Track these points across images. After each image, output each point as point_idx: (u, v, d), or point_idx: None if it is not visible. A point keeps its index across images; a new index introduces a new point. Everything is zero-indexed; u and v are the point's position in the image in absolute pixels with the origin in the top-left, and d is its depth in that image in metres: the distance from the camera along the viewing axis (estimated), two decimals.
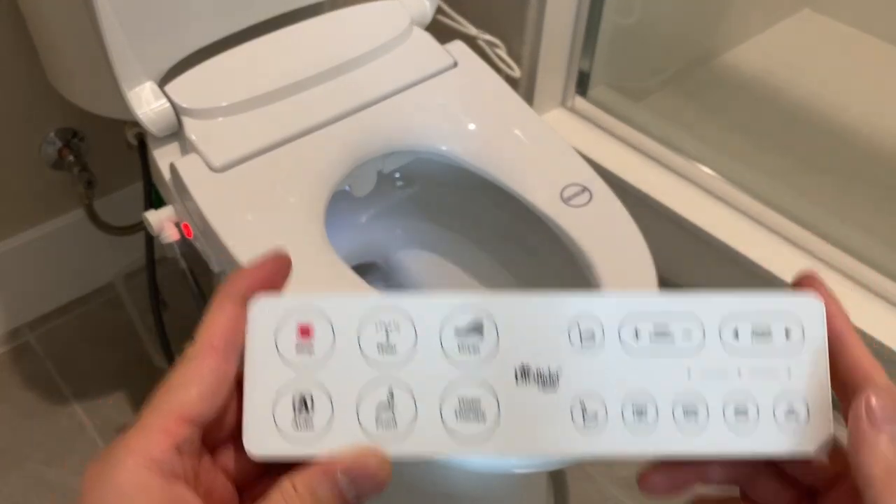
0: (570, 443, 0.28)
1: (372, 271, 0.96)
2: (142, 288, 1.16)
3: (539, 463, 0.66)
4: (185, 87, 0.76)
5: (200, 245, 0.73)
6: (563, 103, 1.27)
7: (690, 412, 0.28)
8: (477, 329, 0.29)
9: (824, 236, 1.07)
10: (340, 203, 0.90)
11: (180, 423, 0.27)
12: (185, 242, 0.77)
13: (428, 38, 0.86)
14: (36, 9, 0.83)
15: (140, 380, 1.11)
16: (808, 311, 0.29)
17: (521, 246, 0.88)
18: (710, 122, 1.33)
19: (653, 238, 1.21)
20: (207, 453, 0.29)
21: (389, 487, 0.28)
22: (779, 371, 0.29)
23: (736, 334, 0.29)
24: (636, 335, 0.29)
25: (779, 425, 0.29)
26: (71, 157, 1.04)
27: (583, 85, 1.25)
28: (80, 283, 1.19)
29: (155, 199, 0.87)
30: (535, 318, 0.29)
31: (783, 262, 1.08)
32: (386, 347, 0.29)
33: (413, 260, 0.91)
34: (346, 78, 0.80)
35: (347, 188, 0.82)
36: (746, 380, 0.29)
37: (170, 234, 0.76)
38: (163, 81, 0.77)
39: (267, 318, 0.29)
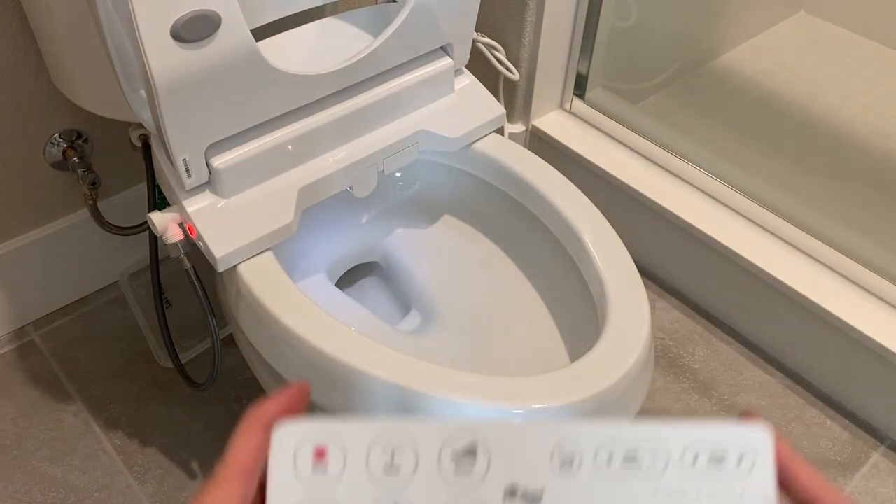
0: None
1: (372, 271, 0.97)
2: (146, 287, 1.18)
3: None
4: None
5: (203, 245, 0.74)
6: (561, 105, 1.28)
7: None
8: (471, 452, 0.33)
9: (820, 237, 1.08)
10: (341, 203, 0.91)
11: None
12: (188, 242, 0.77)
13: None
14: (40, 12, 0.84)
15: (144, 378, 1.12)
16: (758, 439, 0.33)
17: (520, 245, 0.89)
18: (707, 123, 1.34)
19: (650, 238, 1.22)
20: None
21: None
22: (731, 493, 0.33)
23: (695, 459, 0.33)
24: (609, 460, 0.33)
25: None
26: (75, 158, 1.05)
27: (581, 87, 1.26)
28: (84, 283, 1.20)
29: (159, 200, 0.88)
30: (521, 442, 0.33)
31: (780, 262, 1.09)
32: (391, 468, 0.32)
33: (412, 260, 0.92)
34: (331, 55, 0.81)
35: (349, 189, 0.83)
36: (704, 500, 0.33)
37: (173, 235, 0.77)
38: None
39: (288, 442, 0.33)
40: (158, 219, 0.77)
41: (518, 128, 1.27)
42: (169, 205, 0.80)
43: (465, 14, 0.84)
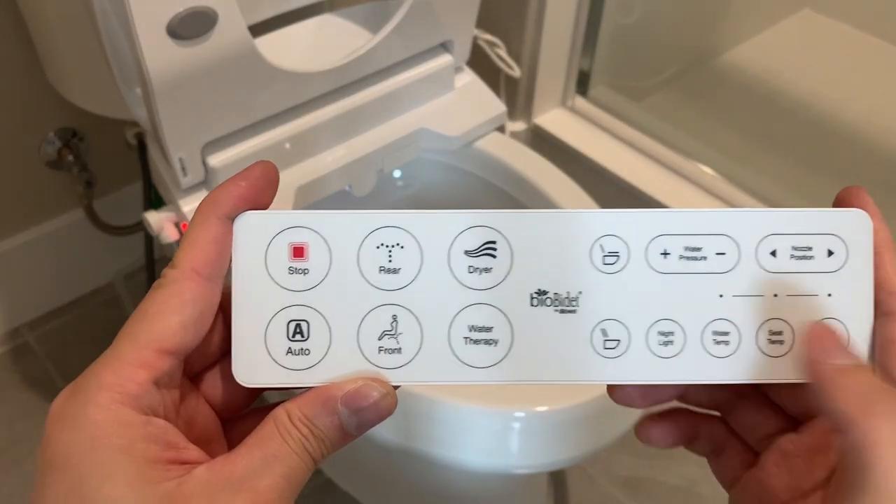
0: (588, 369, 0.27)
1: None
2: (141, 288, 1.16)
3: (548, 463, 0.65)
4: None
5: None
6: (563, 103, 1.27)
7: (721, 337, 0.27)
8: (489, 249, 0.27)
9: None
10: (340, 203, 0.90)
11: (159, 356, 0.25)
12: None
13: None
14: (36, 9, 0.83)
15: None
16: (853, 227, 0.27)
17: None
18: (710, 121, 1.33)
19: None
20: (188, 381, 0.27)
21: (390, 488, 0.27)
22: (818, 293, 0.27)
23: (774, 253, 0.27)
24: (664, 255, 0.27)
25: None
26: (70, 157, 1.04)
27: (583, 84, 1.25)
28: (79, 284, 1.19)
29: (154, 199, 0.87)
30: (553, 237, 0.27)
31: None
32: (388, 269, 0.27)
33: None
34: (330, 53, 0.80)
35: (348, 188, 0.82)
36: (783, 302, 0.27)
37: (169, 234, 0.76)
38: None
39: (256, 237, 0.27)
40: (154, 218, 0.76)
41: (519, 126, 1.25)
42: (165, 204, 0.78)
43: (465, 10, 0.83)
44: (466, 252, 0.27)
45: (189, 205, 0.74)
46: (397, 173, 0.93)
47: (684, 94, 1.39)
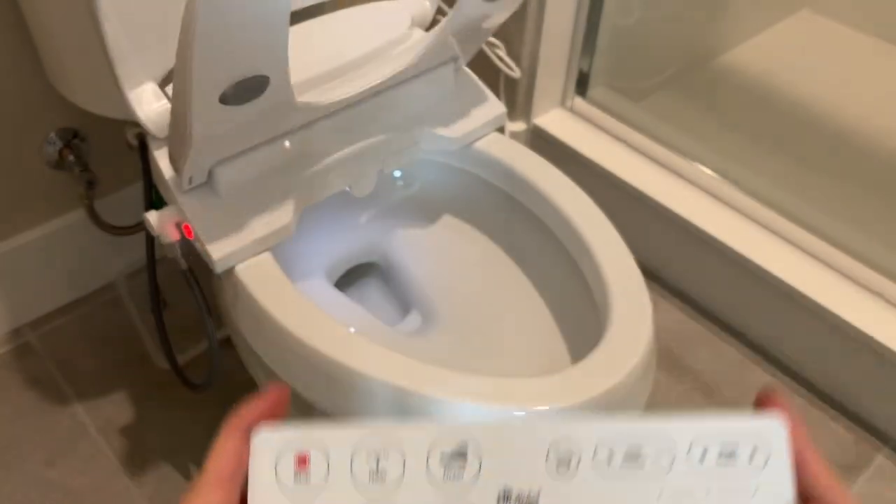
0: None
1: (372, 271, 0.97)
2: (142, 288, 1.16)
3: None
4: None
5: (201, 246, 0.73)
6: (562, 103, 1.27)
7: None
8: (461, 455, 0.31)
9: (822, 235, 1.08)
10: (340, 203, 0.90)
11: None
12: (185, 243, 0.77)
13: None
14: (36, 8, 0.83)
15: (141, 380, 1.11)
16: (771, 432, 0.31)
17: (521, 245, 0.88)
18: (710, 122, 1.33)
19: (652, 237, 1.21)
20: None
21: None
22: (744, 491, 0.30)
23: (703, 456, 0.31)
24: (609, 459, 0.31)
25: None
26: (72, 158, 1.04)
27: (582, 85, 1.25)
28: (81, 284, 1.19)
29: (155, 200, 0.87)
30: (515, 442, 0.31)
31: (782, 261, 1.08)
32: (376, 475, 0.31)
33: (412, 260, 0.91)
34: (346, 79, 0.80)
35: (347, 188, 0.82)
36: (716, 498, 0.30)
37: (170, 235, 0.76)
38: (164, 82, 0.77)
39: (268, 449, 0.32)
40: (155, 219, 0.76)
41: (519, 126, 1.26)
42: (166, 204, 0.79)
43: (485, 35, 0.84)
44: (442, 457, 0.31)
45: (190, 206, 0.74)
46: (397, 173, 0.93)
47: (684, 95, 1.39)
